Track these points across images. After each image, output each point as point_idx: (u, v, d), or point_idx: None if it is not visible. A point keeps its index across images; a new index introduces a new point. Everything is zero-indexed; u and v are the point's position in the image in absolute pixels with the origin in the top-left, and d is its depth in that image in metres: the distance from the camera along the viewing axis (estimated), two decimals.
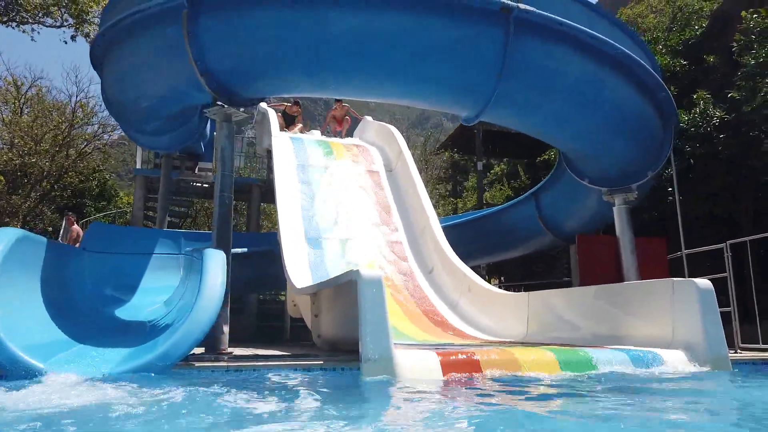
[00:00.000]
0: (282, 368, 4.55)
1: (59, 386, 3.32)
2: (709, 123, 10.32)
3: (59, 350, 4.18)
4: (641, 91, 7.09)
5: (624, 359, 4.92)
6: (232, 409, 2.95)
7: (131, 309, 7.91)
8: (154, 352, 3.85)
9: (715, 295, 5.19)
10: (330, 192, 11.11)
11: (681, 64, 11.73)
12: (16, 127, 17.19)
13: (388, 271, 9.81)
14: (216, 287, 4.40)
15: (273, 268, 9.86)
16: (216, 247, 6.23)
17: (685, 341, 5.19)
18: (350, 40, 5.93)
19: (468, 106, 6.65)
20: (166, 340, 3.99)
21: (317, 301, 7.15)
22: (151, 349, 3.98)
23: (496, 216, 11.74)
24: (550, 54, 6.29)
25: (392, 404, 3.45)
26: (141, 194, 14.31)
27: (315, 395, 3.55)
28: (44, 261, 5.15)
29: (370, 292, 4.52)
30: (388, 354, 4.38)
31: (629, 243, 7.99)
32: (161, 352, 3.83)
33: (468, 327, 8.42)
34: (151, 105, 7.47)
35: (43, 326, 4.50)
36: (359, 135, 14.60)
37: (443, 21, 5.89)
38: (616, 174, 7.95)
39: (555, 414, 3.01)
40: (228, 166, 6.66)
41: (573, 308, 6.78)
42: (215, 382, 3.80)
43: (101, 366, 3.82)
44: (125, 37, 6.81)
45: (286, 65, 6.26)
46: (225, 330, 6.28)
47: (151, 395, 3.24)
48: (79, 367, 3.76)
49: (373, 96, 7.03)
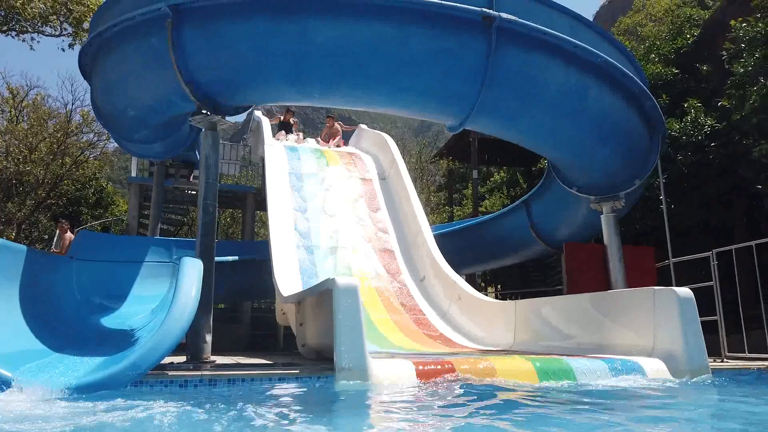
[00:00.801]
0: (257, 377, 4.53)
1: (23, 397, 3.31)
2: (701, 132, 10.32)
3: (32, 359, 4.18)
4: (626, 100, 7.08)
5: (603, 369, 4.89)
6: (194, 422, 2.93)
7: (119, 318, 7.88)
8: (124, 363, 3.83)
9: (695, 304, 5.16)
10: (323, 200, 11.12)
11: (673, 73, 11.74)
12: (11, 136, 17.27)
13: (379, 279, 9.80)
14: (189, 297, 4.39)
15: (267, 276, 9.87)
16: (200, 256, 6.23)
17: (666, 350, 5.16)
18: (332, 51, 5.95)
19: (452, 114, 6.66)
20: (136, 350, 3.98)
21: (302, 310, 7.14)
22: (120, 360, 3.97)
23: (487, 224, 11.72)
24: (533, 63, 6.29)
25: (360, 415, 3.43)
26: (136, 202, 14.32)
27: (283, 406, 3.53)
28: (24, 269, 5.15)
29: (345, 300, 4.51)
30: (363, 363, 4.37)
31: (617, 251, 7.96)
32: (130, 362, 3.81)
33: (457, 335, 8.40)
34: (139, 114, 7.49)
35: (18, 335, 4.49)
36: (354, 143, 14.64)
37: (425, 31, 5.90)
38: (603, 182, 7.93)
39: (519, 427, 2.99)
40: (213, 173, 6.67)
41: (559, 316, 6.76)
42: (187, 393, 3.79)
43: (70, 376, 3.80)
44: (111, 46, 6.84)
45: (269, 75, 6.28)
46: (208, 339, 6.27)
47: (115, 406, 3.23)
48: (47, 377, 3.75)
49: (358, 105, 7.05)
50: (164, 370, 4.57)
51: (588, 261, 8.32)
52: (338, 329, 4.39)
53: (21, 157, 16.81)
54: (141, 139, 9.04)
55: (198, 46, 6.20)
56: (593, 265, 8.18)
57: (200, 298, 5.66)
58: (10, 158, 16.75)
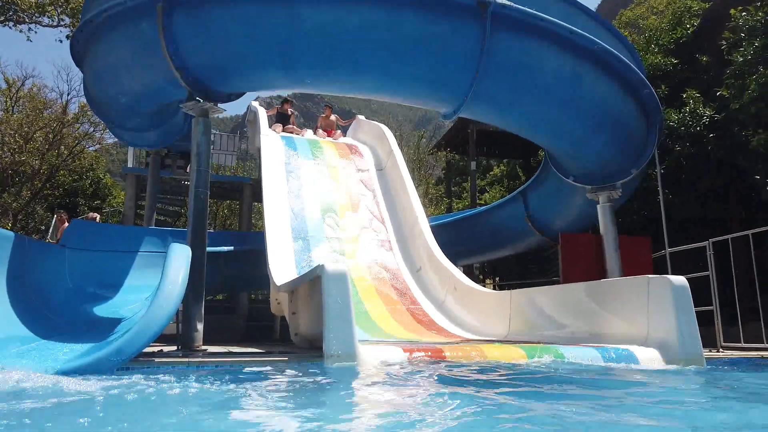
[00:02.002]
0: (245, 364, 4.48)
1: (5, 383, 3.26)
2: (699, 122, 10.22)
3: (15, 345, 4.13)
4: (623, 88, 7.01)
5: (596, 356, 4.84)
6: (177, 404, 2.89)
7: (111, 307, 7.85)
8: (108, 348, 3.78)
9: (689, 292, 5.10)
10: (319, 190, 11.06)
11: (672, 63, 11.63)
12: (6, 125, 17.20)
13: (375, 270, 9.75)
14: (176, 284, 4.33)
15: (263, 266, 9.83)
16: (191, 244, 6.18)
17: (660, 339, 5.10)
18: (323, 36, 5.87)
19: (445, 102, 6.58)
20: (121, 336, 3.93)
21: (294, 299, 7.08)
22: (106, 345, 3.92)
23: (484, 215, 11.66)
24: (528, 50, 6.22)
25: (346, 396, 3.38)
26: (132, 193, 14.25)
27: (268, 389, 3.48)
28: (11, 256, 5.09)
29: (334, 286, 4.46)
30: (351, 350, 4.32)
31: (613, 241, 7.89)
32: (114, 348, 3.76)
33: (452, 325, 8.36)
34: (130, 101, 7.42)
35: (2, 321, 4.44)
36: (352, 134, 14.56)
37: (417, 16, 5.83)
38: (599, 172, 7.86)
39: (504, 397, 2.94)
40: (204, 161, 6.61)
41: (554, 306, 6.70)
42: (173, 378, 3.74)
43: (54, 362, 3.76)
44: (102, 32, 6.77)
45: (259, 60, 6.21)
46: (199, 327, 6.22)
47: (99, 389, 3.18)
48: (29, 363, 3.70)
49: (349, 91, 6.97)
50: (153, 357, 4.52)
51: (584, 251, 8.27)
52: (327, 315, 4.34)
53: (16, 147, 16.73)
54: (134, 127, 8.99)
55: (188, 31, 6.14)
56: (589, 255, 8.12)
57: (192, 286, 5.64)
58: (6, 148, 16.68)
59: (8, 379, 3.31)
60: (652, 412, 2.76)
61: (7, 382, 3.27)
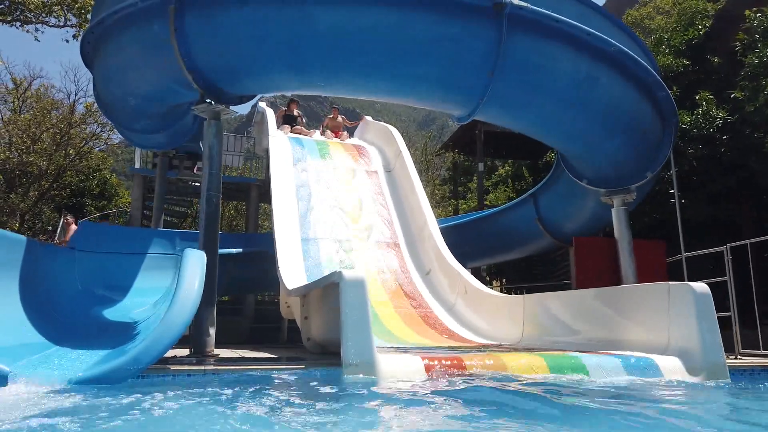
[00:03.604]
0: (262, 371, 4.42)
1: (21, 392, 3.20)
2: (712, 124, 10.13)
3: (30, 353, 4.07)
4: (638, 90, 6.91)
5: (617, 366, 4.76)
6: (196, 415, 2.82)
7: (120, 310, 7.79)
8: (125, 357, 3.72)
9: (712, 300, 5.01)
10: (327, 192, 11.00)
11: (684, 64, 11.53)
12: (14, 126, 17.18)
13: (384, 272, 9.68)
14: (192, 290, 4.27)
15: (269, 268, 9.76)
16: (203, 248, 6.11)
17: (681, 347, 5.02)
18: (336, 38, 5.80)
19: (459, 104, 6.50)
20: (137, 345, 3.87)
21: (306, 303, 7.02)
22: (122, 353, 3.86)
23: (494, 217, 11.58)
24: (544, 51, 6.13)
25: (367, 410, 3.31)
26: (139, 193, 14.19)
27: (291, 400, 3.41)
28: (23, 260, 5.04)
29: (352, 293, 4.39)
30: (370, 358, 4.25)
31: (627, 245, 7.80)
32: (131, 357, 3.70)
33: (463, 329, 8.29)
34: (139, 103, 7.37)
35: (16, 328, 4.38)
36: (359, 135, 14.50)
37: (432, 17, 5.74)
38: (613, 175, 7.76)
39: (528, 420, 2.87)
40: (216, 164, 6.54)
41: (569, 311, 6.62)
42: (190, 388, 3.68)
43: (70, 370, 3.70)
44: (112, 33, 6.71)
45: (271, 62, 6.15)
46: (211, 332, 6.16)
47: (117, 400, 3.12)
48: (46, 372, 3.64)
49: (362, 94, 6.89)
50: (167, 363, 4.46)
51: (598, 255, 8.18)
52: (345, 324, 4.27)
53: (24, 147, 16.71)
54: (142, 129, 8.93)
55: (200, 33, 6.07)
56: (603, 259, 8.03)
57: (203, 291, 5.57)
58: (13, 148, 16.66)
59: (27, 390, 3.25)
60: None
61: (26, 393, 3.21)
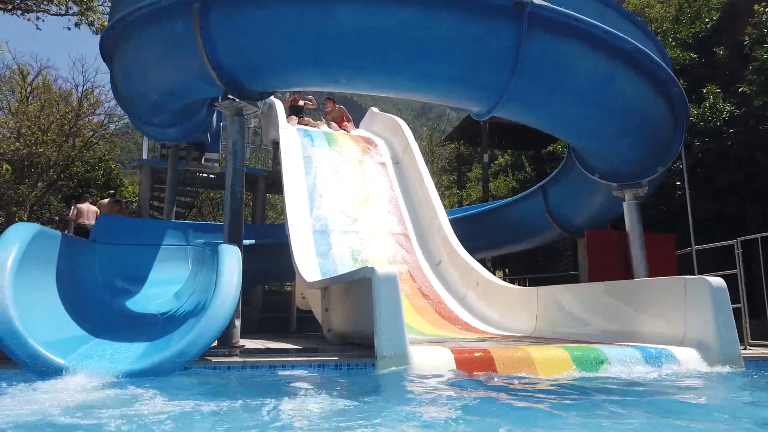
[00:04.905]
0: (296, 364, 4.58)
1: (81, 384, 3.35)
2: (719, 118, 10.27)
3: (77, 346, 4.21)
4: (654, 87, 7.04)
5: (637, 357, 4.93)
6: (259, 408, 2.97)
7: (140, 301, 7.93)
8: (171, 350, 3.87)
9: (728, 294, 5.19)
10: (337, 184, 11.10)
11: (691, 58, 11.64)
12: (22, 117, 17.17)
13: (395, 263, 9.82)
14: (232, 284, 4.42)
15: (279, 259, 9.87)
16: (228, 241, 6.25)
17: (698, 339, 5.20)
18: (359, 36, 5.90)
19: (479, 102, 6.62)
20: (182, 338, 4.01)
21: (327, 295, 7.17)
22: (166, 346, 4.01)
23: (503, 209, 11.72)
24: (563, 50, 6.24)
25: (405, 401, 3.47)
26: (147, 185, 14.26)
27: (334, 393, 3.56)
28: (59, 255, 5.17)
29: (385, 289, 4.54)
30: (403, 351, 4.41)
31: (638, 239, 7.97)
32: (178, 350, 3.85)
33: (476, 321, 8.45)
34: (161, 98, 7.45)
35: (60, 321, 4.52)
36: (366, 126, 14.57)
37: (454, 16, 5.84)
38: (625, 169, 7.91)
39: (567, 413, 3.03)
40: (240, 160, 6.67)
41: (582, 304, 6.79)
42: (230, 380, 3.83)
43: (119, 363, 3.84)
44: (135, 30, 6.79)
45: (295, 60, 6.24)
46: (237, 324, 6.31)
47: (176, 394, 3.26)
48: (98, 364, 3.79)
49: (385, 91, 7.01)
50: (205, 357, 4.61)
51: (610, 248, 8.34)
52: (379, 318, 4.43)
53: (33, 138, 16.72)
54: (160, 123, 9.03)
55: (225, 30, 6.15)
56: (615, 252, 8.20)
57: None
58: (22, 139, 16.67)
59: (84, 382, 3.39)
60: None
61: (84, 384, 3.36)
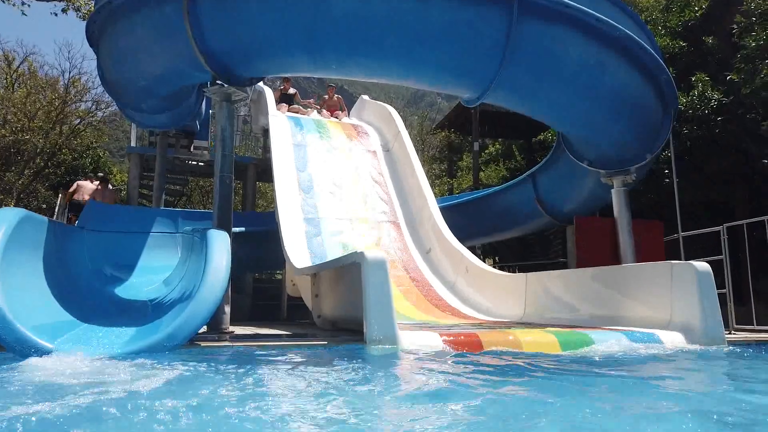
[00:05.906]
0: (286, 348, 4.59)
1: (70, 365, 3.34)
2: (707, 106, 10.34)
3: (65, 330, 4.20)
4: (643, 74, 7.08)
5: (623, 340, 4.99)
6: (248, 384, 2.98)
7: (130, 288, 7.91)
8: (161, 333, 3.87)
9: (713, 278, 5.26)
10: (327, 172, 11.09)
11: (680, 46, 11.69)
12: (8, 103, 16.98)
13: (384, 251, 9.85)
14: (221, 269, 4.42)
15: (270, 247, 9.86)
16: (217, 227, 6.24)
17: (683, 323, 5.27)
18: (350, 21, 5.88)
19: (470, 88, 6.63)
20: (171, 321, 4.02)
21: (317, 282, 7.18)
22: (156, 330, 4.01)
23: (493, 197, 11.77)
24: (554, 37, 6.25)
25: (395, 375, 3.50)
26: (136, 172, 14.18)
27: (323, 369, 3.58)
28: (45, 241, 5.14)
29: (374, 273, 4.56)
30: (393, 334, 4.44)
31: (627, 225, 8.04)
32: (168, 333, 3.85)
33: (465, 307, 8.50)
34: (149, 84, 7.39)
35: (48, 306, 4.51)
36: (356, 114, 14.54)
37: (446, 3, 5.83)
38: (614, 157, 7.97)
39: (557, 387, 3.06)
40: (228, 146, 6.64)
41: (571, 290, 6.85)
42: (223, 361, 3.84)
43: (108, 346, 3.84)
44: (122, 15, 6.71)
45: (285, 45, 6.21)
46: (227, 310, 6.33)
47: (165, 372, 3.26)
48: (87, 348, 3.78)
49: (375, 77, 6.99)
50: (194, 341, 4.62)
51: (598, 234, 8.41)
52: (368, 302, 4.45)
53: (19, 125, 16.55)
54: (148, 109, 8.96)
55: (213, 15, 6.10)
56: (603, 238, 8.27)
57: None
58: (8, 126, 16.49)
59: (74, 363, 3.39)
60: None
61: (73, 365, 3.35)
